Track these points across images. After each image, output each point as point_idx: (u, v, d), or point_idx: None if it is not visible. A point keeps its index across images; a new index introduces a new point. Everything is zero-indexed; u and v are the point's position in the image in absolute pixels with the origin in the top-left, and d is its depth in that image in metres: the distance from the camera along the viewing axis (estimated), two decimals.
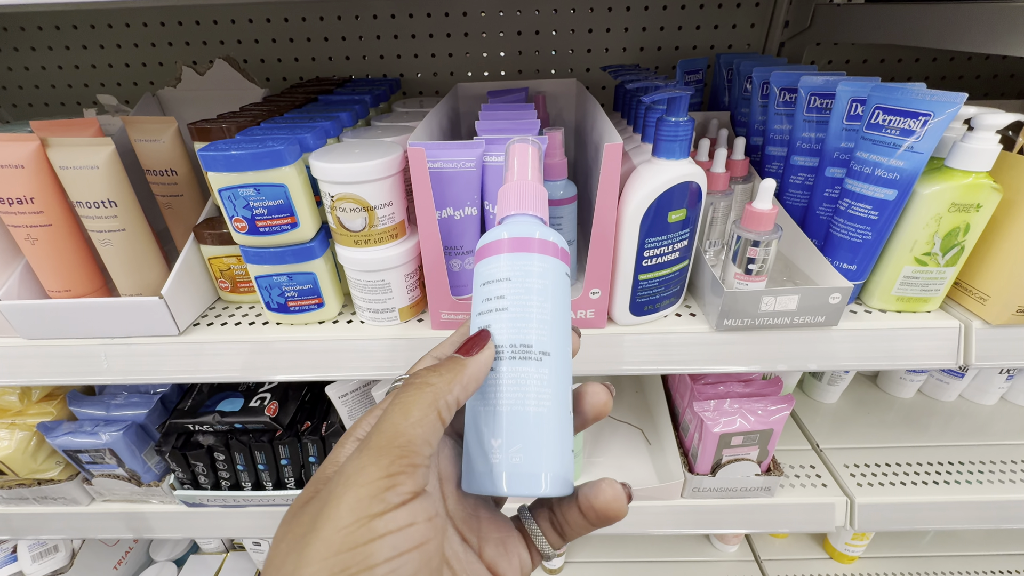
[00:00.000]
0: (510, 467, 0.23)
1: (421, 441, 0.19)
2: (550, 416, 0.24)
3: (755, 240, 0.46)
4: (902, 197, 0.44)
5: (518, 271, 0.25)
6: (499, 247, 0.26)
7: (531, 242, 0.26)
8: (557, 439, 0.24)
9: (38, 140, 0.46)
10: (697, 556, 0.97)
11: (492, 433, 0.23)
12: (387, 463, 0.18)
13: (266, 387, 0.66)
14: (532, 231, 0.26)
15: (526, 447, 0.23)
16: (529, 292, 0.25)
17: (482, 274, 0.26)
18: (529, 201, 0.28)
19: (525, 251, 0.25)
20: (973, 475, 0.69)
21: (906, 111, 0.43)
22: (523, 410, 0.23)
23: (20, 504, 0.72)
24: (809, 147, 0.54)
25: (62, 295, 0.52)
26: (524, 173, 0.29)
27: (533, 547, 0.25)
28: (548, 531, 0.25)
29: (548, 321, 0.25)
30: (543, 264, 0.25)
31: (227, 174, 0.43)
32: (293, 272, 0.49)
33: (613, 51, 0.83)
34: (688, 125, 0.41)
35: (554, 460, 0.23)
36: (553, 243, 0.26)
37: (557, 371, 0.25)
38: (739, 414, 0.61)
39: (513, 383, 0.24)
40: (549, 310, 0.25)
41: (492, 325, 0.25)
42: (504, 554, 0.23)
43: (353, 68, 0.85)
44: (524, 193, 0.28)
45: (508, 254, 0.25)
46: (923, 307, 0.50)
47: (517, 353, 0.24)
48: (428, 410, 0.20)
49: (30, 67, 0.86)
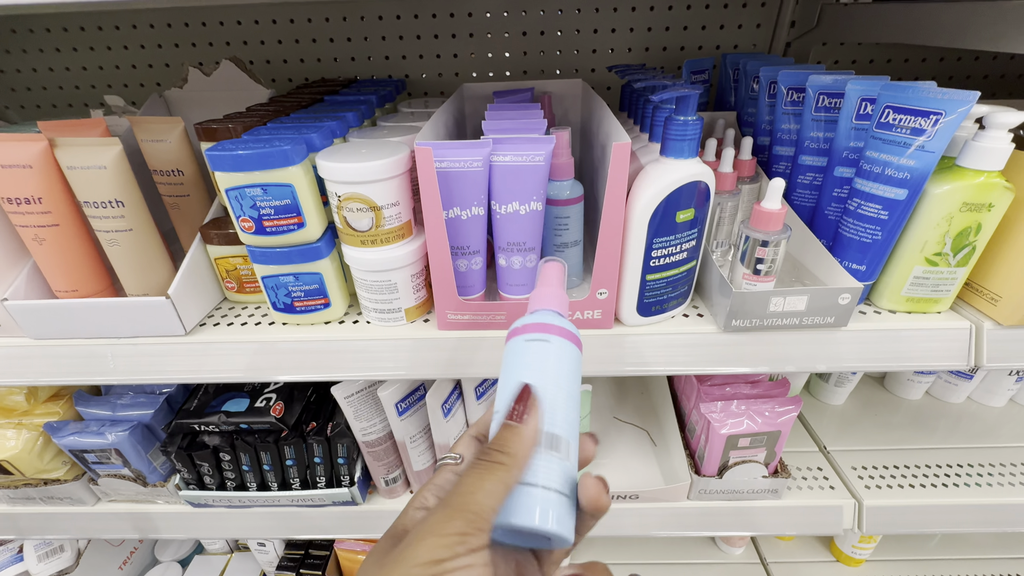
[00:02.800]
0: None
1: (490, 511, 0.23)
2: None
3: (764, 240, 0.45)
4: (913, 197, 0.44)
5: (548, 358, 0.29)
6: (528, 328, 0.31)
7: (552, 327, 0.30)
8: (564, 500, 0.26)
9: (46, 140, 0.46)
10: (703, 559, 0.96)
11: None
12: (462, 524, 0.22)
13: (271, 388, 0.66)
14: (556, 320, 0.31)
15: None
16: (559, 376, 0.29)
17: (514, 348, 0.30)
18: (554, 301, 0.33)
19: (550, 333, 0.30)
20: (982, 477, 0.68)
21: (917, 110, 0.42)
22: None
23: (26, 504, 0.72)
24: (817, 147, 0.54)
25: (69, 295, 0.52)
26: (551, 283, 0.34)
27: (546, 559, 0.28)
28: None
29: (568, 403, 0.29)
30: (563, 346, 0.30)
31: (234, 174, 0.43)
32: (299, 272, 0.49)
33: (618, 51, 0.83)
34: (697, 124, 0.41)
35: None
36: (572, 331, 0.31)
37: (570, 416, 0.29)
38: (746, 415, 0.61)
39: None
40: (569, 391, 0.29)
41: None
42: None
43: (358, 69, 0.85)
44: (551, 296, 0.33)
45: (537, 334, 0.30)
46: (933, 308, 0.50)
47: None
48: (499, 485, 0.24)
49: (38, 68, 0.86)
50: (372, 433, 0.63)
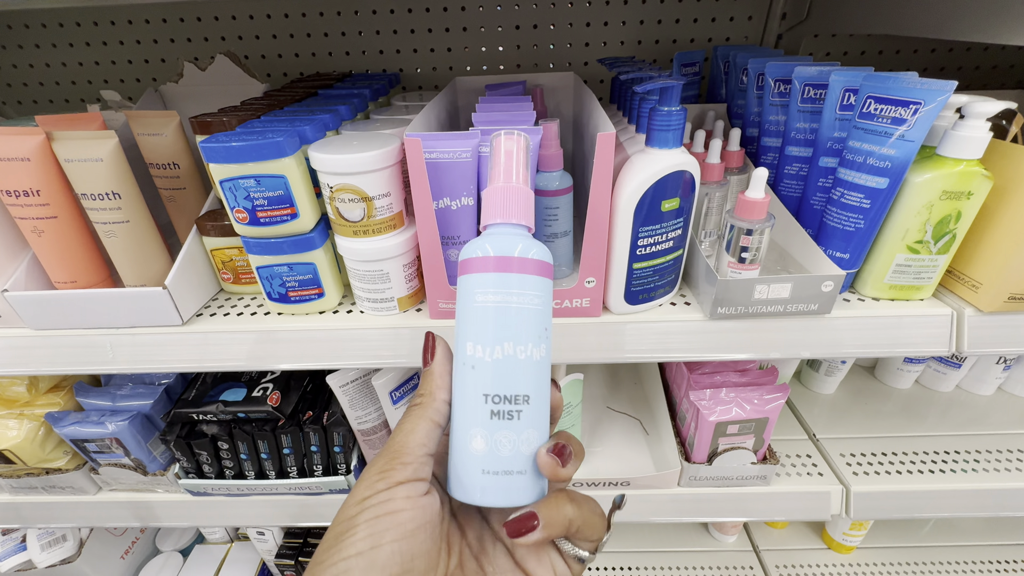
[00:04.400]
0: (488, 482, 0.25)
1: (414, 444, 0.25)
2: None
3: (748, 229, 0.46)
4: (894, 185, 0.45)
5: (501, 292, 0.26)
6: (486, 264, 0.26)
7: (512, 261, 0.26)
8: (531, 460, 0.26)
9: (43, 134, 0.47)
10: (696, 546, 0.98)
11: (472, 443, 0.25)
12: (383, 462, 0.24)
13: (268, 377, 0.68)
14: (514, 247, 0.26)
15: (505, 460, 0.25)
16: (512, 314, 0.26)
17: (466, 289, 0.27)
18: (514, 208, 0.27)
19: (507, 271, 0.26)
20: (969, 464, 0.70)
21: (897, 100, 0.43)
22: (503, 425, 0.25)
23: (29, 493, 0.73)
24: (803, 137, 0.55)
25: (68, 286, 0.53)
26: (510, 173, 0.28)
27: (564, 552, 0.27)
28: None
29: (531, 340, 0.26)
30: (527, 284, 0.26)
31: (228, 165, 0.44)
32: (293, 262, 0.50)
33: (611, 45, 0.83)
34: (680, 115, 0.42)
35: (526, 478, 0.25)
36: (535, 260, 0.26)
37: (540, 374, 0.27)
38: (735, 403, 0.62)
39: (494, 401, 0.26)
40: (533, 330, 0.26)
41: (478, 344, 0.26)
42: (533, 555, 0.26)
43: (353, 63, 0.85)
44: (508, 199, 0.27)
45: (494, 274, 0.26)
46: (916, 295, 0.51)
47: (500, 403, 0.25)
48: (418, 420, 0.25)
49: (34, 64, 0.87)
50: (367, 422, 0.64)
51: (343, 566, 0.21)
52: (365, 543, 0.22)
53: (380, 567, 0.21)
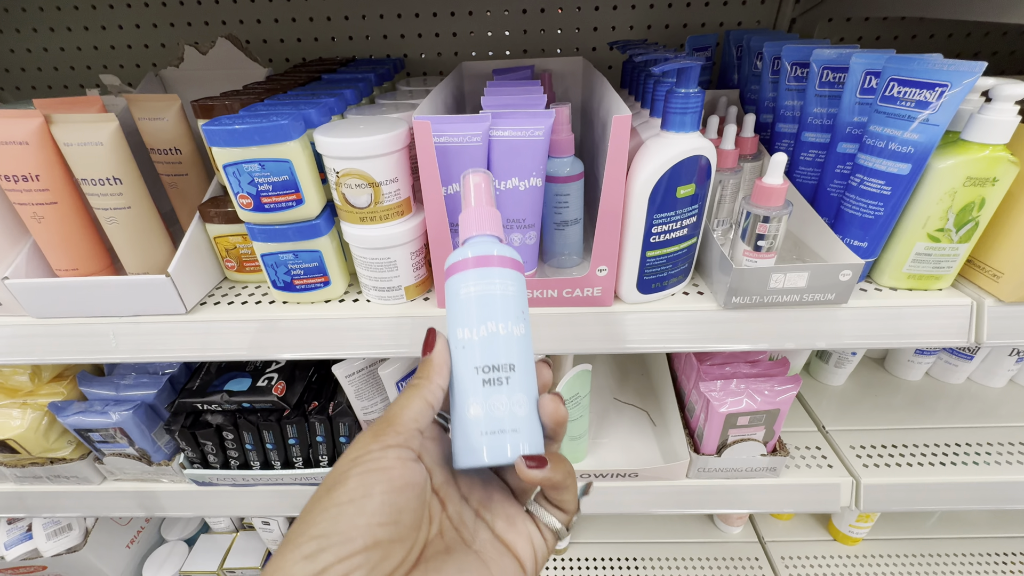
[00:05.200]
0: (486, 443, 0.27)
1: (407, 418, 0.26)
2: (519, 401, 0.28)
3: (765, 216, 0.45)
4: (916, 171, 0.43)
5: (485, 282, 0.30)
6: (466, 264, 0.30)
7: (490, 258, 0.30)
8: (525, 413, 0.28)
9: (42, 117, 0.45)
10: (701, 537, 0.98)
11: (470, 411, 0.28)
12: (376, 429, 0.26)
13: (273, 367, 0.67)
14: (491, 249, 0.31)
15: (499, 420, 0.27)
16: (492, 299, 0.29)
17: (452, 288, 0.31)
18: (487, 223, 0.32)
19: (486, 266, 0.30)
20: (980, 456, 0.69)
21: (922, 82, 0.42)
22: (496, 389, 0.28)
23: (34, 483, 0.73)
24: (821, 123, 0.53)
25: (69, 274, 0.52)
26: (480, 199, 0.33)
27: (541, 523, 0.29)
28: (548, 507, 0.29)
29: (511, 319, 0.29)
30: (503, 275, 0.30)
31: (231, 149, 0.43)
32: (299, 250, 0.49)
33: (620, 29, 0.81)
34: (699, 97, 0.41)
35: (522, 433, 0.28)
36: (509, 257, 0.31)
37: (522, 353, 0.29)
38: (746, 394, 0.61)
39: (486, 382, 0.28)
40: (511, 312, 0.30)
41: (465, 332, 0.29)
42: (511, 527, 0.28)
43: (356, 48, 0.84)
44: (482, 216, 0.32)
45: (474, 269, 0.30)
46: (935, 285, 0.50)
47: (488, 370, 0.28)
48: (413, 397, 0.27)
49: (32, 49, 0.85)
50: (373, 412, 0.64)
51: (334, 512, 0.22)
52: (357, 492, 0.23)
53: (369, 514, 0.22)
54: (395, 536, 0.23)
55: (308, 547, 0.21)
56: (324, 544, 0.21)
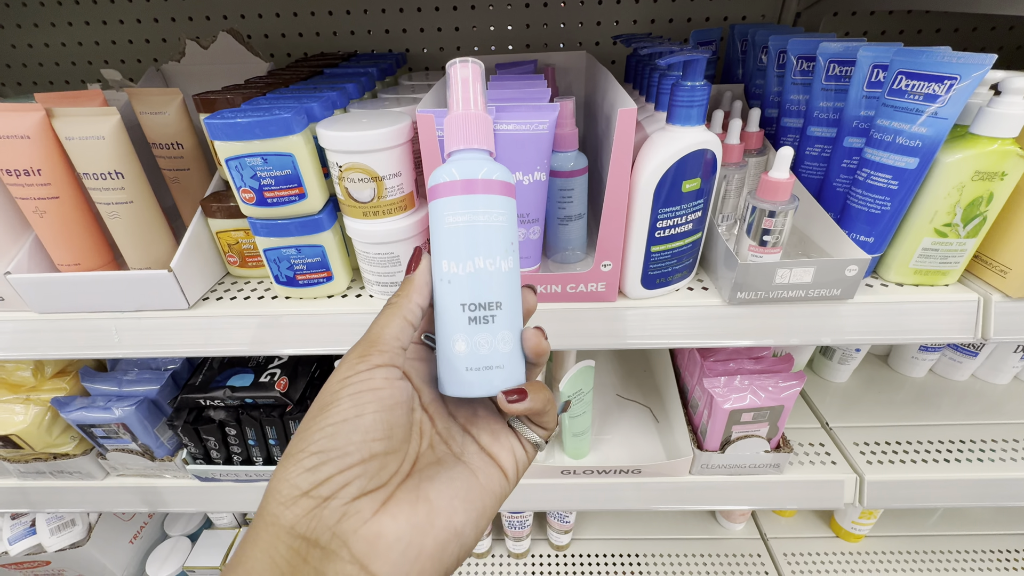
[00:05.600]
0: (469, 376, 0.27)
1: (389, 336, 0.27)
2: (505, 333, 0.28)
3: (771, 210, 0.45)
4: (924, 166, 0.43)
5: (472, 211, 0.28)
6: (453, 188, 0.28)
7: (476, 183, 0.28)
8: (509, 343, 0.28)
9: (43, 110, 0.45)
10: (704, 534, 0.98)
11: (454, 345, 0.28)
12: (361, 348, 0.27)
13: (275, 363, 0.67)
14: (478, 170, 0.28)
15: (484, 357, 0.27)
16: (479, 231, 0.28)
17: (437, 213, 0.29)
18: (475, 134, 0.29)
19: (473, 193, 0.28)
20: (984, 453, 0.69)
21: (931, 75, 0.41)
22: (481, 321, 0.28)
23: (37, 478, 0.73)
24: (827, 117, 0.53)
25: (72, 269, 0.52)
26: (468, 101, 0.29)
27: (523, 438, 0.30)
28: (529, 423, 0.30)
29: (498, 253, 0.28)
30: (491, 203, 0.28)
31: (234, 143, 0.42)
32: (301, 245, 0.49)
33: (623, 23, 0.81)
34: (705, 90, 0.40)
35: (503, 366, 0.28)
36: (498, 181, 0.28)
37: (509, 291, 0.28)
38: (750, 391, 0.61)
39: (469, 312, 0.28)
40: (499, 245, 0.28)
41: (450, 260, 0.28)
42: (496, 441, 0.29)
43: (358, 43, 0.83)
44: (469, 126, 0.29)
45: (461, 196, 0.28)
46: (941, 280, 0.49)
47: (475, 309, 0.28)
48: (392, 316, 0.28)
49: (33, 44, 0.85)
50: None
51: (330, 430, 0.24)
52: (350, 412, 0.24)
53: (364, 431, 0.24)
54: (389, 449, 0.25)
55: (309, 461, 0.23)
56: (324, 459, 0.23)
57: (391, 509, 0.24)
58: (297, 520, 0.22)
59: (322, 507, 0.22)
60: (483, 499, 0.27)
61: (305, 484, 0.23)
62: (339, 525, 0.22)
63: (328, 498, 0.23)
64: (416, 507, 0.24)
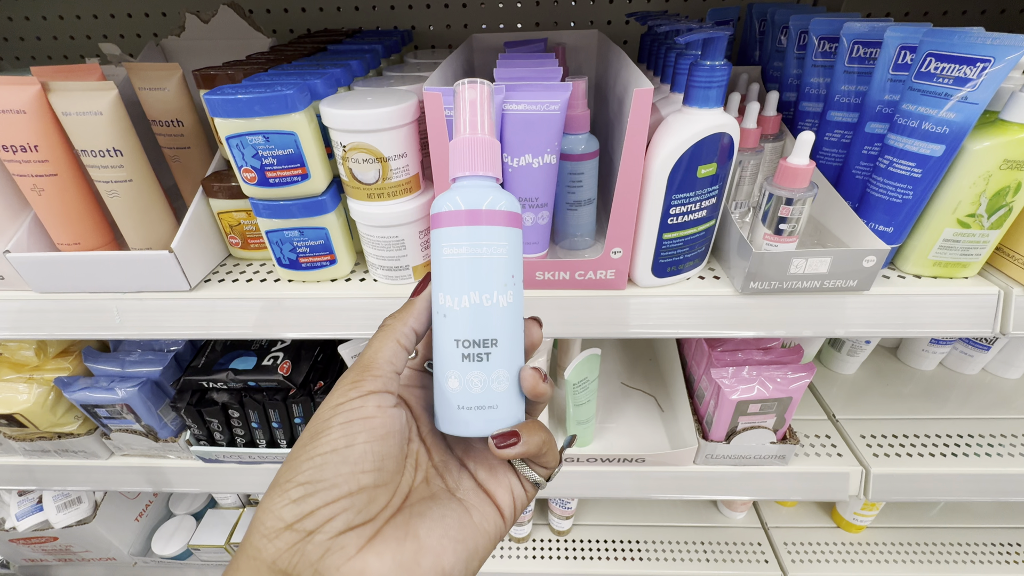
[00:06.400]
0: (466, 414, 0.27)
1: (382, 361, 0.26)
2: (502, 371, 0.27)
3: (788, 198, 0.43)
4: (950, 153, 0.41)
5: (472, 244, 0.26)
6: (454, 218, 0.26)
7: (479, 214, 0.26)
8: (507, 385, 0.27)
9: (39, 84, 0.44)
10: (704, 522, 0.98)
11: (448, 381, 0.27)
12: (354, 375, 0.26)
13: (279, 346, 0.66)
14: (483, 200, 0.26)
15: (477, 396, 0.26)
16: (480, 263, 0.26)
17: (437, 242, 0.27)
18: (481, 160, 0.27)
19: (475, 224, 0.26)
20: (993, 448, 0.68)
21: (963, 57, 0.39)
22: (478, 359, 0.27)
23: (42, 456, 0.73)
24: (848, 101, 0.51)
25: (71, 248, 0.51)
26: (475, 124, 0.27)
27: (522, 476, 0.29)
28: (528, 462, 0.29)
29: (497, 288, 0.27)
30: (494, 236, 0.26)
31: (234, 120, 0.41)
32: (304, 227, 0.48)
33: (636, 1, 0.78)
34: (725, 70, 0.38)
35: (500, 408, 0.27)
36: (503, 211, 0.27)
37: (510, 328, 0.27)
38: (758, 381, 0.60)
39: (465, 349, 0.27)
40: (499, 279, 0.27)
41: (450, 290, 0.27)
42: (493, 477, 0.28)
43: (362, 19, 0.81)
44: (475, 151, 0.27)
45: (462, 227, 0.26)
46: (961, 273, 0.48)
47: (472, 347, 0.26)
48: (386, 340, 0.27)
49: (31, 17, 0.83)
50: None
51: (319, 460, 0.23)
52: (339, 442, 0.23)
53: (353, 462, 0.23)
54: (378, 481, 0.24)
55: (295, 492, 0.22)
56: (311, 490, 0.23)
57: (377, 546, 0.23)
58: (279, 555, 0.22)
59: (305, 541, 0.22)
60: (475, 539, 0.26)
61: (289, 516, 0.22)
62: (322, 561, 0.22)
63: (312, 532, 0.22)
64: (403, 545, 0.23)
